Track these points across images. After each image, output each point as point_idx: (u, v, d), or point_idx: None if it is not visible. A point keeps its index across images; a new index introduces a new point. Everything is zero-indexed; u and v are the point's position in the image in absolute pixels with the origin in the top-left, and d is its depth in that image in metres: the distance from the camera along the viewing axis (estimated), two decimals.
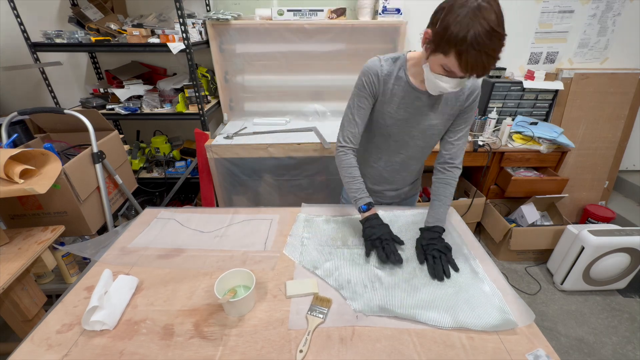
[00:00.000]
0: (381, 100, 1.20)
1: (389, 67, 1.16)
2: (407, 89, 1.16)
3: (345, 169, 1.26)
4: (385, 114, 1.22)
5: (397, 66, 1.16)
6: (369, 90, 1.18)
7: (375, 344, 0.84)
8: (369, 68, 1.16)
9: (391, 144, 1.30)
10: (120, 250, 1.19)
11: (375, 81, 1.16)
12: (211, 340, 0.84)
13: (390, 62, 1.17)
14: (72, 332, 0.86)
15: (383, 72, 1.16)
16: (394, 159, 1.35)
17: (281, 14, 2.32)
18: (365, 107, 1.21)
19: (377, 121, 1.25)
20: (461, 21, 0.87)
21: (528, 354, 0.81)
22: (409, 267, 1.10)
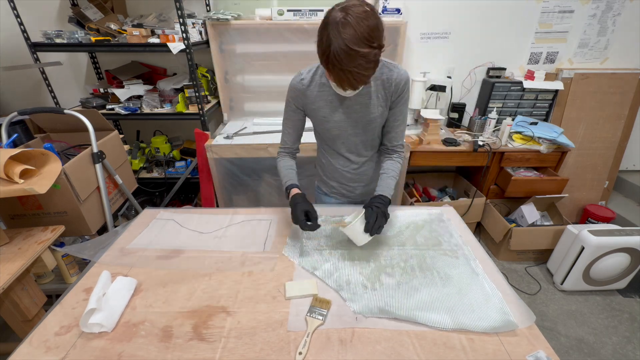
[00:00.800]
0: (313, 109, 1.26)
1: (310, 77, 1.22)
2: (332, 92, 1.20)
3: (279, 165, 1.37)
4: (322, 120, 1.27)
5: (318, 74, 1.22)
6: (293, 105, 1.27)
7: (375, 345, 0.84)
8: (291, 86, 1.25)
9: (339, 145, 1.36)
10: (119, 251, 1.19)
11: (298, 95, 1.24)
12: (210, 342, 0.84)
13: (312, 73, 1.23)
14: (71, 334, 0.86)
15: (304, 85, 1.22)
16: (348, 158, 1.39)
17: (281, 14, 2.31)
18: (294, 118, 1.31)
19: (320, 127, 1.32)
20: (325, 40, 0.92)
21: (528, 356, 0.81)
22: (408, 269, 1.09)
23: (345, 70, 0.93)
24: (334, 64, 0.93)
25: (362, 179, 1.47)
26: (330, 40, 0.90)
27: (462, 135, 2.61)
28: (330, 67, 0.95)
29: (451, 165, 2.62)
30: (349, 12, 0.90)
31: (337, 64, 0.92)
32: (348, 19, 0.89)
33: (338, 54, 0.90)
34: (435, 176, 3.16)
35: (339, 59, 0.91)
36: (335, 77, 0.99)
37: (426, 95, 2.60)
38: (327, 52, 0.92)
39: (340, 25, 0.89)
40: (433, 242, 1.23)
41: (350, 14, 0.89)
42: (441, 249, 1.19)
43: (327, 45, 0.91)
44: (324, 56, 0.95)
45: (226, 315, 0.92)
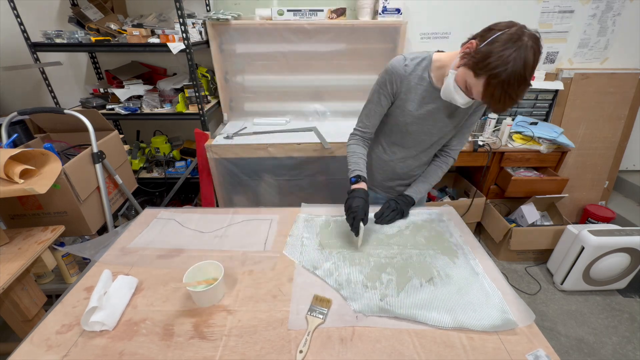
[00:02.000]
0: (403, 99, 1.24)
1: (413, 66, 1.20)
2: (429, 89, 1.20)
3: (350, 145, 1.37)
4: (405, 112, 1.26)
5: (422, 67, 1.20)
6: (389, 89, 1.23)
7: (375, 344, 0.84)
8: (393, 67, 1.20)
9: (408, 141, 1.35)
10: (120, 251, 1.19)
11: (397, 80, 1.21)
12: (211, 341, 0.84)
13: (416, 62, 1.20)
14: (72, 333, 0.86)
15: (407, 72, 1.20)
16: (409, 155, 1.40)
17: (281, 14, 2.32)
18: (384, 104, 1.28)
19: (397, 118, 1.30)
20: (504, 55, 0.88)
21: (528, 354, 0.81)
22: (409, 268, 1.10)
23: (507, 93, 0.91)
24: (502, 84, 0.90)
25: (410, 178, 1.49)
26: (511, 60, 0.87)
27: None
28: (494, 82, 0.91)
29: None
30: (537, 43, 0.89)
31: (505, 85, 0.90)
32: (535, 48, 0.88)
33: (514, 78, 0.88)
34: None
35: (510, 82, 0.89)
36: (492, 96, 0.94)
37: None
38: (502, 68, 0.88)
39: (527, 51, 0.87)
40: (433, 242, 1.23)
41: (537, 44, 0.89)
42: (441, 249, 1.19)
43: (505, 62, 0.87)
44: (493, 70, 0.90)
45: (227, 313, 0.93)
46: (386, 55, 2.48)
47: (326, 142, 2.19)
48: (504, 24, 0.93)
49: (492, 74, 0.90)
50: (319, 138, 2.26)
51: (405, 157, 1.41)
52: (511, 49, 0.87)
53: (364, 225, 1.16)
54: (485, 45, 0.92)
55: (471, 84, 0.98)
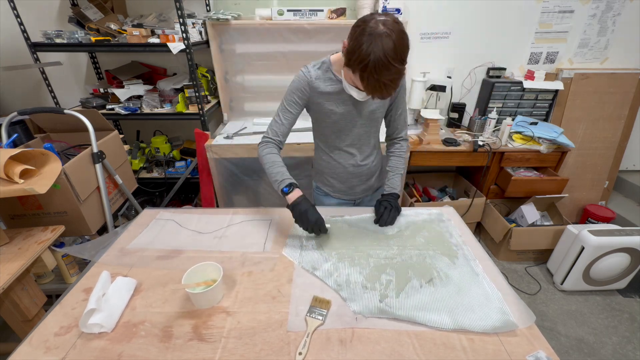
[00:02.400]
0: (318, 102, 1.29)
1: (316, 72, 1.26)
2: (337, 85, 1.24)
3: (265, 156, 1.30)
4: (328, 112, 1.30)
5: (324, 69, 1.26)
6: (297, 97, 1.27)
7: (375, 345, 0.84)
8: (298, 77, 1.27)
9: (343, 137, 1.38)
10: (119, 251, 1.19)
11: (304, 87, 1.26)
12: (210, 343, 0.84)
13: (317, 67, 1.27)
14: (70, 335, 0.86)
15: (312, 78, 1.25)
16: (350, 152, 1.42)
17: (281, 14, 2.31)
18: (293, 111, 1.30)
19: (325, 120, 1.34)
20: (366, 48, 0.94)
21: (528, 356, 0.81)
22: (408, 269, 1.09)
23: (380, 81, 0.98)
24: (371, 73, 0.96)
25: (364, 175, 1.49)
26: (371, 51, 0.93)
27: (462, 135, 2.61)
28: (365, 76, 0.98)
29: (451, 165, 2.62)
30: (392, 28, 0.95)
31: (374, 74, 0.96)
32: (391, 34, 0.94)
33: (378, 66, 0.95)
34: (435, 176, 3.16)
35: (377, 71, 0.95)
36: (368, 86, 1.01)
37: (426, 95, 2.60)
38: (366, 61, 0.95)
39: (383, 39, 0.93)
40: (433, 242, 1.23)
41: (393, 30, 0.95)
42: (441, 249, 1.19)
43: (367, 54, 0.94)
44: (360, 64, 0.97)
45: (226, 315, 0.92)
46: None
47: None
48: (364, 17, 1.00)
49: (361, 67, 0.97)
50: None
51: (350, 155, 1.43)
52: (368, 41, 0.94)
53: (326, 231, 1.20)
54: (351, 42, 1.00)
55: (353, 79, 1.06)
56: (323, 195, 1.59)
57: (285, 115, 1.30)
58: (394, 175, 1.44)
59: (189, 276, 0.96)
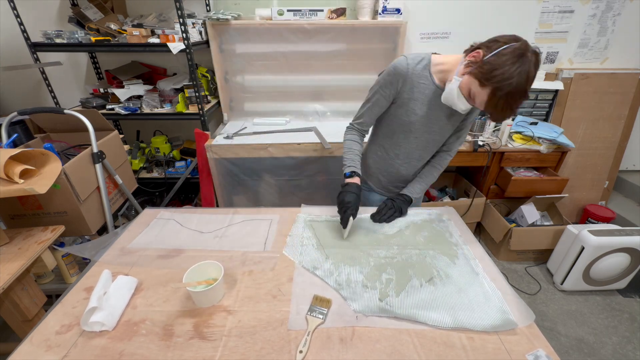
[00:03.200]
0: (406, 98, 1.26)
1: (415, 65, 1.22)
2: (431, 87, 1.23)
3: (347, 141, 1.38)
4: (409, 111, 1.28)
5: (422, 65, 1.23)
6: (389, 91, 1.26)
7: (375, 344, 0.84)
8: (395, 68, 1.22)
9: (411, 140, 1.36)
10: (119, 251, 1.19)
11: (399, 79, 1.23)
12: (211, 341, 0.84)
13: (417, 61, 1.23)
14: (72, 333, 0.86)
15: (409, 71, 1.22)
16: (412, 155, 1.41)
17: (281, 14, 2.32)
18: (383, 104, 1.30)
19: (401, 118, 1.31)
20: (510, 69, 0.93)
21: (528, 355, 0.81)
22: (409, 268, 1.09)
23: (509, 106, 0.98)
24: (506, 95, 0.96)
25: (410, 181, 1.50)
26: (516, 74, 0.93)
27: None
28: (498, 96, 0.97)
29: (451, 165, 2.61)
30: (536, 57, 0.96)
31: (509, 97, 0.96)
32: (536, 65, 0.95)
33: (516, 92, 0.95)
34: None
35: (511, 95, 0.96)
36: (496, 107, 1.00)
37: None
38: (507, 82, 0.94)
39: (530, 66, 0.94)
40: (433, 242, 1.24)
41: (537, 60, 0.96)
42: (441, 249, 1.19)
43: (511, 76, 0.93)
44: (499, 82, 0.95)
45: (227, 314, 0.93)
46: (386, 55, 2.48)
47: (326, 142, 2.19)
48: (509, 37, 0.99)
49: (498, 87, 0.95)
50: (319, 138, 2.26)
51: (409, 159, 1.42)
52: (517, 64, 0.93)
53: (354, 219, 1.22)
54: (491, 56, 0.98)
55: (475, 93, 1.03)
56: (367, 191, 1.59)
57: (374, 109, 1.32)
58: (419, 181, 1.46)
59: (190, 275, 0.96)
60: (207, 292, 0.92)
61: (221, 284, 0.96)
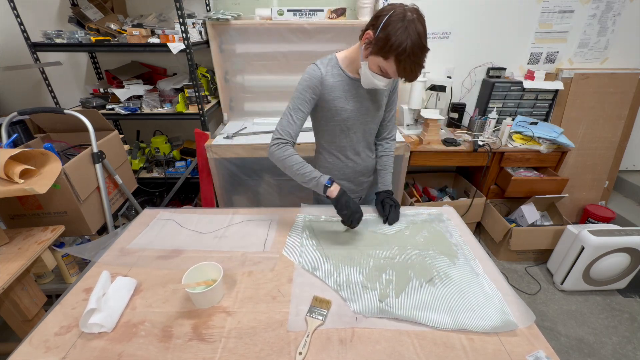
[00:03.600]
0: (329, 99, 1.28)
1: (325, 68, 1.27)
2: (347, 81, 1.27)
3: (289, 158, 1.27)
4: (339, 110, 1.30)
5: (332, 65, 1.28)
6: (309, 94, 1.26)
7: (375, 345, 0.84)
8: (310, 74, 1.26)
9: (352, 136, 1.39)
10: (119, 251, 1.19)
11: (316, 84, 1.25)
12: (210, 343, 0.84)
13: (325, 63, 1.28)
14: (71, 334, 0.86)
15: (322, 74, 1.25)
16: (357, 149, 1.43)
17: (281, 14, 2.31)
18: (305, 109, 1.28)
19: (334, 119, 1.33)
20: (400, 34, 1.01)
21: (528, 356, 0.81)
22: (408, 269, 1.09)
23: (415, 63, 1.05)
24: (409, 57, 1.03)
25: (369, 171, 1.53)
26: (407, 35, 1.00)
27: (462, 135, 2.61)
28: (403, 60, 1.04)
29: (451, 165, 2.62)
30: (417, 13, 1.03)
31: (412, 57, 1.03)
32: (419, 19, 1.03)
33: (415, 49, 1.02)
34: (435, 176, 3.16)
35: (415, 53, 1.02)
36: (405, 70, 1.07)
37: (426, 95, 2.60)
38: (403, 45, 1.01)
39: (415, 23, 1.01)
40: (433, 242, 1.23)
41: (419, 15, 1.04)
42: (441, 249, 1.19)
43: (404, 39, 1.00)
44: (397, 49, 1.02)
45: (226, 315, 0.92)
46: None
47: None
48: (386, 7, 1.07)
49: (398, 52, 1.02)
50: None
51: (357, 153, 1.44)
52: (403, 27, 1.00)
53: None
54: (380, 31, 1.05)
55: (384, 67, 1.10)
56: None
57: (298, 115, 1.27)
58: (387, 173, 1.49)
59: (189, 276, 0.96)
60: (206, 293, 0.92)
61: (220, 285, 0.96)
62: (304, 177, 1.25)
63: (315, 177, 1.23)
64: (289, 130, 1.28)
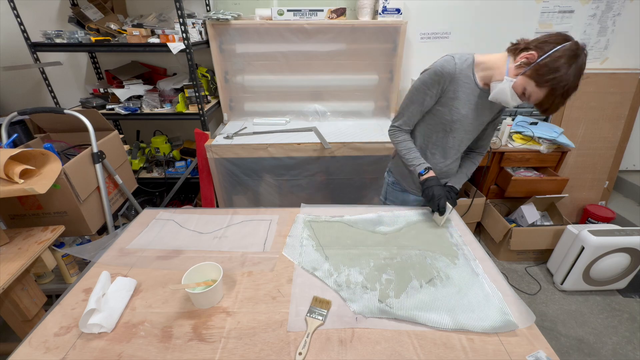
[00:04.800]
0: (451, 97, 1.27)
1: (461, 64, 1.24)
2: (473, 87, 1.26)
3: (401, 142, 1.42)
4: (453, 110, 1.29)
5: (467, 65, 1.25)
6: (436, 90, 1.27)
7: (375, 346, 0.84)
8: (444, 67, 1.23)
9: (449, 140, 1.39)
10: (118, 251, 1.19)
11: (446, 78, 1.24)
12: (210, 343, 0.84)
13: (463, 60, 1.25)
14: (70, 335, 0.86)
15: (456, 71, 1.23)
16: (448, 154, 1.43)
17: (281, 14, 2.31)
18: (428, 104, 1.31)
19: (443, 117, 1.32)
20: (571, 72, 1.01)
21: (528, 356, 0.81)
22: (408, 269, 1.09)
23: (564, 101, 1.06)
24: (562, 95, 1.04)
25: (450, 174, 1.52)
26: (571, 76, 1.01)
27: None
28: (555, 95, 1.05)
29: None
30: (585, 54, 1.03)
31: (564, 95, 1.04)
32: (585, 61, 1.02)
33: (572, 89, 1.03)
34: None
35: (568, 93, 1.04)
36: (552, 105, 1.08)
37: None
38: (565, 82, 1.01)
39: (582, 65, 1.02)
40: (433, 242, 1.23)
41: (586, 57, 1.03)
42: (441, 249, 1.19)
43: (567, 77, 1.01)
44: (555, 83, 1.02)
45: (226, 315, 0.92)
46: (386, 55, 2.48)
47: (326, 142, 2.19)
48: (557, 36, 1.05)
49: (555, 87, 1.03)
50: (319, 138, 2.26)
51: (445, 157, 1.44)
52: (573, 65, 1.00)
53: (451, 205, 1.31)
54: (546, 58, 1.03)
55: (531, 92, 1.09)
56: (400, 191, 1.60)
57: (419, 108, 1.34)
58: (463, 175, 1.51)
59: (189, 276, 0.96)
60: (206, 294, 0.92)
61: (220, 285, 0.96)
62: (407, 161, 1.40)
63: (415, 165, 1.37)
64: (407, 120, 1.40)
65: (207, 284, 0.95)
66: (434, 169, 1.45)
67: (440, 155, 1.44)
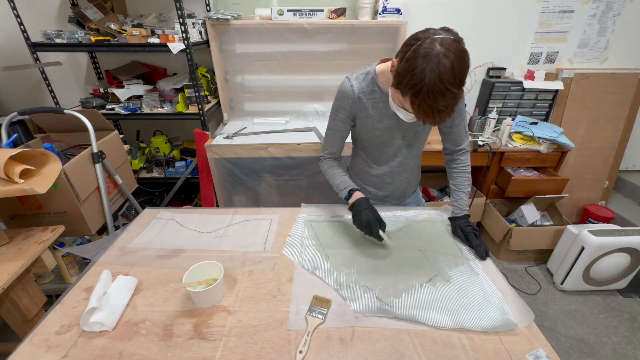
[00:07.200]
0: (362, 117, 1.24)
1: (359, 85, 1.18)
2: (384, 99, 1.17)
3: (327, 171, 1.35)
4: (371, 128, 1.25)
5: (368, 80, 1.18)
6: (344, 114, 1.23)
7: (375, 344, 0.84)
8: (341, 92, 1.20)
9: (385, 151, 1.34)
10: (119, 251, 1.19)
11: (349, 103, 1.20)
12: (211, 341, 0.84)
13: (361, 79, 1.19)
14: (71, 333, 0.86)
15: (354, 93, 1.18)
16: (392, 164, 1.38)
17: (281, 14, 2.32)
18: (342, 129, 1.27)
19: (366, 135, 1.29)
20: (419, 72, 0.85)
21: (528, 355, 0.81)
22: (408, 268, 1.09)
23: (433, 108, 0.88)
24: (423, 99, 0.87)
25: (401, 184, 1.46)
26: (425, 74, 0.84)
27: None
28: (417, 102, 0.89)
29: None
30: (450, 48, 0.84)
31: (427, 100, 0.87)
32: (448, 54, 0.84)
33: (432, 92, 0.85)
34: (435, 176, 3.15)
35: (431, 97, 0.86)
36: (419, 112, 0.92)
37: None
38: (419, 86, 0.86)
39: (440, 59, 0.83)
40: (433, 242, 1.23)
41: (451, 50, 0.84)
42: (441, 249, 1.19)
43: (421, 78, 0.85)
44: (412, 89, 0.88)
45: (227, 314, 0.93)
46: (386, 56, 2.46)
47: None
48: (417, 35, 0.91)
49: (413, 93, 0.88)
50: (319, 138, 2.26)
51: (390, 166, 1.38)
52: (423, 64, 0.84)
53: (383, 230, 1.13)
54: (403, 64, 0.90)
55: (402, 102, 0.98)
56: None
57: (336, 134, 1.30)
58: (461, 194, 1.33)
59: (190, 275, 0.96)
60: (207, 292, 0.92)
61: (221, 284, 0.96)
62: (335, 188, 1.31)
63: (340, 189, 1.27)
64: (329, 149, 1.35)
65: (208, 283, 0.96)
66: (384, 179, 1.41)
67: (386, 166, 1.38)
